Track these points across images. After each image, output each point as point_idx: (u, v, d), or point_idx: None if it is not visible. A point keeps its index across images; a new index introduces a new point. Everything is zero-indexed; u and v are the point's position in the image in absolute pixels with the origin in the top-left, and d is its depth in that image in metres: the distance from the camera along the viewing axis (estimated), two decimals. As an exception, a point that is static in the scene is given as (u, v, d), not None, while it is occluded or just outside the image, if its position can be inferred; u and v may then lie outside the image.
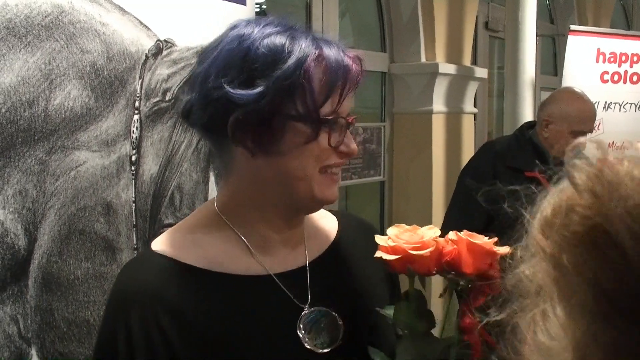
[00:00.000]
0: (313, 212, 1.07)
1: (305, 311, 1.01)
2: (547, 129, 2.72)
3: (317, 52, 0.96)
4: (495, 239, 0.97)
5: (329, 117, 0.97)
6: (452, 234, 0.99)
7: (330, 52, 0.97)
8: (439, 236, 1.00)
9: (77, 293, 1.53)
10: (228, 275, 1.00)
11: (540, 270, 0.52)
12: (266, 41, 0.95)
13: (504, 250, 0.94)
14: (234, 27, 1.00)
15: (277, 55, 0.94)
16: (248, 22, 0.99)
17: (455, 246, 0.97)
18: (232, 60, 0.95)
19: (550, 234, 0.51)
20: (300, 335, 0.99)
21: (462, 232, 0.99)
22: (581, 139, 0.59)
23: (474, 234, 0.98)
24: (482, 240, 0.97)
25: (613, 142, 2.86)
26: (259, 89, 0.93)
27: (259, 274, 1.01)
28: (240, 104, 0.94)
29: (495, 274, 0.92)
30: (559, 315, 0.50)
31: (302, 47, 0.95)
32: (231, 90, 0.93)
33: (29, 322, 1.45)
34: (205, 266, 1.00)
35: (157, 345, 0.94)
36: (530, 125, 2.92)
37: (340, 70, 0.96)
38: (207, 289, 0.99)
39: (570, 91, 2.94)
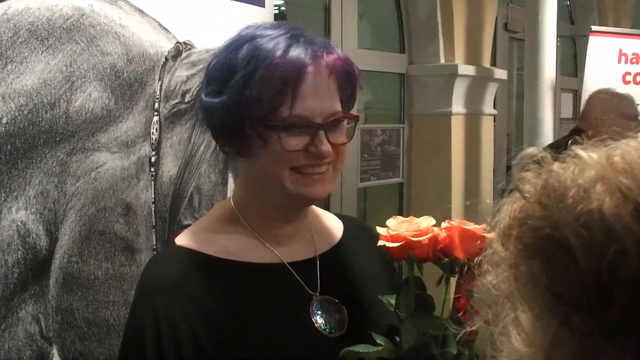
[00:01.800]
0: (302, 207, 1.11)
1: (316, 298, 1.07)
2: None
3: (271, 60, 0.98)
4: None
5: (277, 123, 0.99)
6: (445, 223, 1.05)
7: (290, 55, 0.99)
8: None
9: (97, 293, 1.54)
10: (245, 263, 1.06)
11: (504, 280, 0.54)
12: (231, 54, 1.02)
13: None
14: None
15: (233, 67, 1.01)
16: (238, 33, 1.06)
17: (448, 233, 1.04)
18: (209, 72, 1.05)
19: (507, 246, 0.53)
20: (314, 320, 1.05)
21: (454, 220, 1.05)
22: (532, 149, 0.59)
23: (465, 221, 1.04)
24: (472, 226, 1.02)
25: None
26: (220, 99, 1.01)
27: (272, 262, 1.08)
28: (209, 113, 1.03)
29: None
30: (526, 321, 0.52)
31: (258, 58, 0.99)
32: (203, 99, 1.04)
33: (50, 321, 1.47)
34: (223, 256, 1.06)
35: (183, 331, 0.99)
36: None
37: (291, 73, 0.99)
38: (226, 277, 1.05)
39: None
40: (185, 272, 1.04)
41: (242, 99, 0.99)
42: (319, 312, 1.06)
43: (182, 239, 1.09)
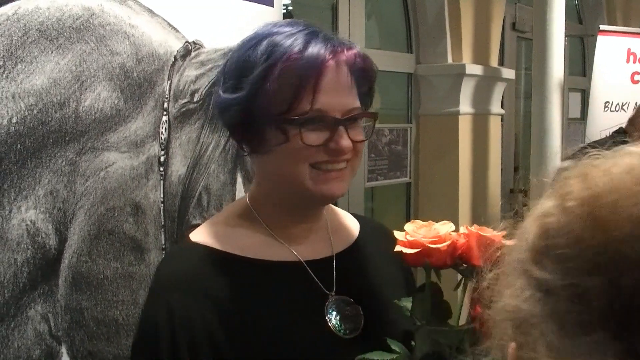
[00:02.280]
0: (319, 205, 1.10)
1: (331, 298, 1.06)
2: None
3: (290, 55, 0.98)
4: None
5: (298, 117, 0.98)
6: (463, 228, 1.02)
7: (310, 51, 0.99)
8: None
9: (106, 292, 1.55)
10: (261, 261, 1.06)
11: (529, 301, 0.49)
12: (249, 51, 1.01)
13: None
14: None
15: (251, 63, 1.00)
16: (254, 31, 1.05)
17: (466, 239, 1.01)
18: (226, 69, 1.04)
19: (545, 264, 0.48)
20: (328, 320, 1.04)
21: (473, 226, 1.02)
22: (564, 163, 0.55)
23: (484, 227, 1.01)
24: (491, 232, 0.99)
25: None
26: (236, 94, 1.00)
27: (288, 260, 1.07)
28: (226, 109, 1.02)
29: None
30: (558, 345, 0.48)
31: (277, 53, 0.99)
32: (221, 96, 1.02)
33: (59, 320, 1.47)
34: (239, 253, 1.05)
35: (198, 328, 0.99)
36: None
37: (312, 68, 0.98)
38: (242, 274, 1.04)
39: None
40: (201, 269, 1.04)
41: (261, 93, 0.98)
42: (334, 313, 1.06)
43: (197, 235, 1.09)
